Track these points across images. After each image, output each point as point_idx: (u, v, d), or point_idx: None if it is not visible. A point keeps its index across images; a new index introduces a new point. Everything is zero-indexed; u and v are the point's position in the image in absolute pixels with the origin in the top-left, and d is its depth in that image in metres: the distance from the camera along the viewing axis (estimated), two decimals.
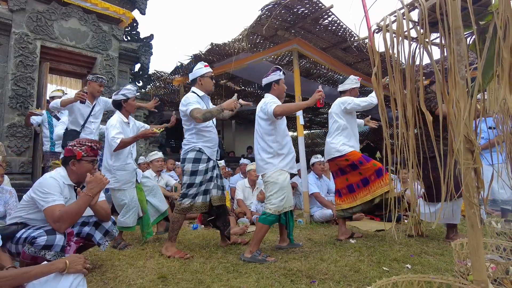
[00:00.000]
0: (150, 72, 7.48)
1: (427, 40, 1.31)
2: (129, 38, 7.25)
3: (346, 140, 3.45)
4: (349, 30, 4.87)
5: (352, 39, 5.12)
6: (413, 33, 1.37)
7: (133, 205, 3.21)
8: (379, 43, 2.55)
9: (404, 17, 1.35)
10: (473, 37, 1.44)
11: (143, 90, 7.94)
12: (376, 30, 1.46)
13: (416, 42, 1.38)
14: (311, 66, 6.49)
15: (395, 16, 1.35)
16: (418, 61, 1.40)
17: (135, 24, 7.28)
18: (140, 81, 7.63)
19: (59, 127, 4.17)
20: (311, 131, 14.37)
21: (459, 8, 1.23)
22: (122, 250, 3.02)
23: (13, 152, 5.29)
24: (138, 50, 7.00)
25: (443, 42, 1.32)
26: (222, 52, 5.76)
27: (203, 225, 4.29)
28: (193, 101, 2.89)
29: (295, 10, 4.35)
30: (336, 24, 4.70)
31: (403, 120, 1.38)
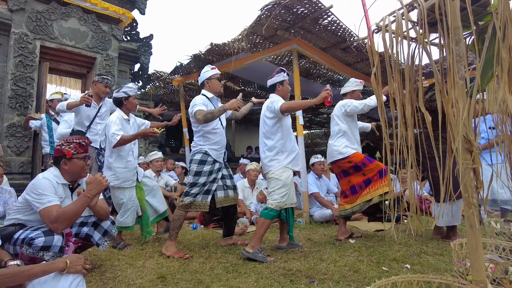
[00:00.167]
0: (149, 72, 7.47)
1: (426, 40, 1.31)
2: (128, 38, 7.25)
3: (349, 143, 3.45)
4: (349, 30, 4.87)
5: (351, 39, 5.12)
6: (412, 33, 1.38)
7: (131, 204, 3.20)
8: (379, 43, 2.55)
9: (403, 17, 1.35)
10: (472, 37, 1.44)
11: (142, 90, 7.94)
12: (376, 30, 1.46)
13: (415, 42, 1.39)
14: (310, 66, 6.48)
15: (395, 16, 1.35)
16: (417, 61, 1.40)
17: (134, 24, 7.28)
18: (140, 81, 7.63)
19: (61, 125, 4.17)
20: (311, 131, 14.35)
21: (458, 9, 1.23)
22: (121, 250, 3.02)
23: (13, 152, 5.29)
24: (137, 50, 7.01)
25: (442, 42, 1.32)
26: (221, 52, 5.75)
27: (202, 225, 4.30)
28: (198, 103, 2.95)
29: (294, 10, 4.35)
30: (335, 24, 4.70)
31: (402, 120, 1.39)
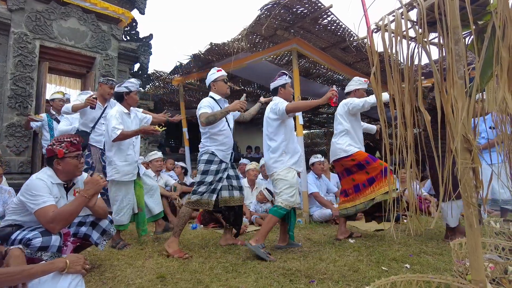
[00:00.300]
0: (149, 72, 7.47)
1: (425, 40, 1.31)
2: (128, 37, 7.25)
3: (352, 142, 3.45)
4: (348, 30, 4.87)
5: (351, 39, 5.12)
6: (412, 33, 1.38)
7: (126, 202, 3.18)
8: (378, 43, 2.55)
9: (403, 16, 1.35)
10: (472, 37, 1.44)
11: (142, 89, 7.93)
12: (375, 30, 1.46)
13: (415, 41, 1.38)
14: (310, 66, 6.48)
15: (394, 15, 1.35)
16: (416, 61, 1.40)
17: (134, 23, 7.27)
18: (139, 81, 7.61)
19: (62, 123, 4.17)
20: (311, 131, 14.35)
21: (457, 8, 1.23)
22: (121, 250, 3.02)
23: (12, 152, 5.28)
24: (137, 49, 7.00)
25: (441, 41, 1.32)
26: (221, 52, 5.75)
27: (202, 225, 4.30)
28: (204, 106, 3.01)
29: (294, 9, 4.35)
30: (335, 24, 4.70)
31: (401, 119, 1.38)
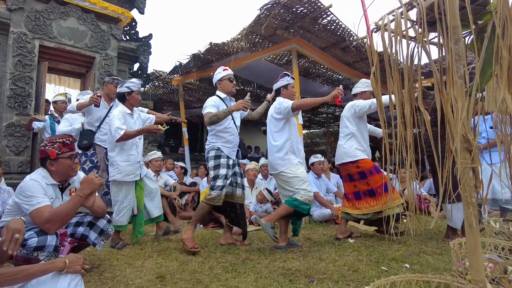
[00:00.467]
0: (149, 72, 7.47)
1: (425, 40, 1.31)
2: (128, 37, 7.24)
3: (358, 145, 3.40)
4: (348, 30, 4.87)
5: (351, 38, 5.12)
6: (412, 33, 1.37)
7: (126, 203, 3.17)
8: (378, 43, 2.55)
9: (403, 16, 1.35)
10: (472, 36, 1.44)
11: (142, 89, 7.93)
12: (375, 30, 1.46)
13: (415, 41, 1.38)
14: (310, 66, 6.48)
15: (394, 15, 1.35)
16: (416, 61, 1.40)
17: (134, 23, 7.26)
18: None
19: (62, 123, 4.17)
20: (310, 130, 14.35)
21: (457, 7, 1.23)
22: (120, 249, 3.01)
23: (12, 152, 5.28)
24: (137, 49, 6.99)
25: (441, 41, 1.32)
26: (221, 51, 5.75)
27: (201, 225, 4.29)
28: (208, 105, 3.07)
29: (294, 9, 4.35)
30: (335, 24, 4.70)
31: (401, 119, 1.38)
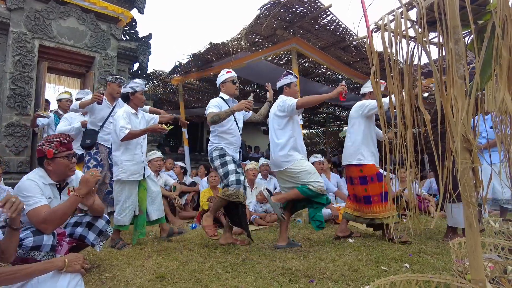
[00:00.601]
0: (148, 72, 7.47)
1: (425, 40, 1.31)
2: (127, 37, 7.24)
3: (366, 148, 3.36)
4: (348, 30, 4.87)
5: (350, 38, 5.12)
6: (412, 33, 1.37)
7: (129, 203, 3.17)
8: (378, 43, 2.55)
9: (403, 16, 1.35)
10: (471, 36, 1.44)
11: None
12: (375, 29, 1.46)
13: (415, 41, 1.38)
14: (310, 66, 6.48)
15: (394, 15, 1.35)
16: (416, 61, 1.40)
17: (133, 23, 7.26)
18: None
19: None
20: (310, 130, 14.36)
21: (457, 7, 1.23)
22: (120, 249, 3.01)
23: (11, 152, 5.28)
24: (136, 49, 6.99)
25: (441, 41, 1.32)
26: (221, 51, 5.75)
27: (201, 225, 4.28)
28: (211, 106, 3.12)
29: (294, 9, 4.35)
30: (334, 24, 4.70)
31: (401, 119, 1.38)
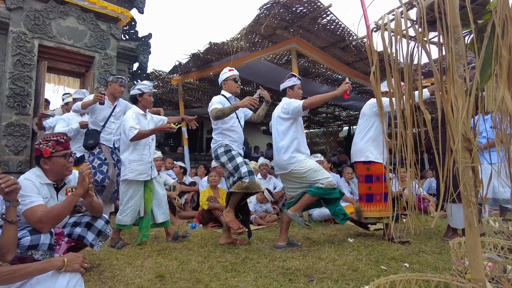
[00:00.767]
0: (148, 71, 7.47)
1: (425, 39, 1.31)
2: (127, 37, 7.23)
3: (376, 146, 3.33)
4: (348, 29, 4.87)
5: (350, 38, 5.12)
6: (412, 32, 1.37)
7: (132, 203, 3.17)
8: (378, 42, 2.55)
9: (403, 15, 1.35)
10: (471, 36, 1.44)
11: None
12: (375, 29, 1.46)
13: (415, 41, 1.38)
14: (309, 65, 6.48)
15: (394, 15, 1.35)
16: (416, 60, 1.40)
17: (133, 23, 7.26)
18: (139, 80, 7.61)
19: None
20: (310, 130, 14.36)
21: (457, 7, 1.23)
22: (120, 249, 3.01)
23: (11, 151, 5.27)
24: (136, 49, 6.99)
25: (441, 40, 1.32)
26: (220, 51, 5.75)
27: (201, 225, 4.29)
28: (214, 102, 3.14)
29: (293, 9, 4.35)
30: (334, 23, 4.70)
31: (401, 119, 1.38)
